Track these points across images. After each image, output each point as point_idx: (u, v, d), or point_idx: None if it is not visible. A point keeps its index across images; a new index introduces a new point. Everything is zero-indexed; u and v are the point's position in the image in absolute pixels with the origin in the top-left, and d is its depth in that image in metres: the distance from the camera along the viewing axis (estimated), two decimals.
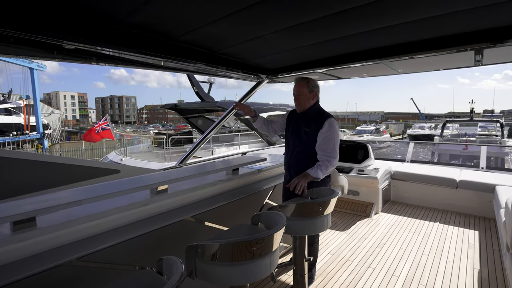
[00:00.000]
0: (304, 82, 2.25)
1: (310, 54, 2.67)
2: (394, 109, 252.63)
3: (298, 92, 2.23)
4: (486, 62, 2.64)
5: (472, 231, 3.56)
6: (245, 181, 2.41)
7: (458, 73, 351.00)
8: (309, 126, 2.18)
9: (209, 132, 3.87)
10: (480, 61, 2.58)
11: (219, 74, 2.99)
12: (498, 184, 3.81)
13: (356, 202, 4.24)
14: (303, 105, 2.23)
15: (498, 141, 15.55)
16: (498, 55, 2.38)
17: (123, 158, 8.77)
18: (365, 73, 3.31)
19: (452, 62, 2.71)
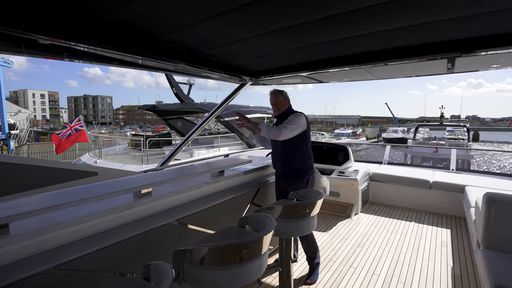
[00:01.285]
0: (279, 93, 2.54)
1: (293, 58, 2.71)
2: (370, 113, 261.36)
3: (275, 100, 2.52)
4: (457, 70, 2.81)
5: (445, 229, 3.73)
6: (230, 183, 2.39)
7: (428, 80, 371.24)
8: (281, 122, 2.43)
9: (191, 134, 3.83)
10: (451, 69, 2.73)
11: (201, 75, 2.97)
12: (467, 185, 4.02)
13: (337, 203, 4.32)
14: (280, 109, 2.52)
15: (465, 145, 16.54)
16: (468, 64, 2.54)
17: (98, 160, 8.41)
18: (345, 77, 3.41)
19: (426, 69, 2.86)
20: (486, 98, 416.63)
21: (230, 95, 3.75)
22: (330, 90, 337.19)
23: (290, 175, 2.48)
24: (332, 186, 4.28)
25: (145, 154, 8.47)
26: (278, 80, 3.55)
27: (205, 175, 2.28)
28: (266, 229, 1.38)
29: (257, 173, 2.77)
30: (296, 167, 2.46)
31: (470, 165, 13.09)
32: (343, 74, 3.17)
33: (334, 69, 2.81)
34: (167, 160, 3.67)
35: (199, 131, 4.00)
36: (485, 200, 2.25)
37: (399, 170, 4.99)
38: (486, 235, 2.20)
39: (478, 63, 2.57)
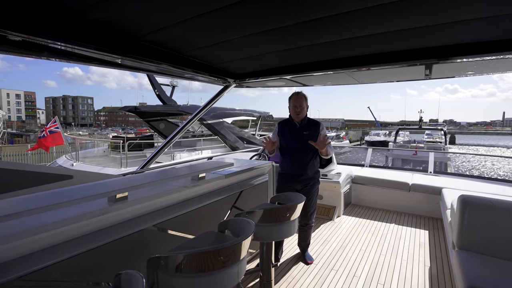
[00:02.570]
0: (304, 97, 2.71)
1: (277, 61, 2.73)
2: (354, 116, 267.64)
3: (300, 103, 2.66)
4: (434, 76, 2.91)
5: (423, 230, 3.83)
6: (211, 186, 2.36)
7: (407, 85, 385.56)
8: (309, 130, 2.64)
9: (173, 136, 3.76)
10: (429, 75, 2.82)
11: (185, 76, 2.94)
12: (444, 187, 4.15)
13: (319, 205, 4.33)
14: (302, 114, 2.67)
15: (442, 148, 17.20)
16: (444, 70, 2.63)
17: (75, 163, 8.09)
18: (329, 81, 3.44)
19: (405, 74, 2.93)
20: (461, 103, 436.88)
21: (214, 97, 3.71)
22: (315, 93, 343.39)
23: (309, 177, 2.67)
24: None
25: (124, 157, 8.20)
26: (262, 82, 3.55)
27: (186, 179, 2.23)
28: (244, 234, 1.36)
29: (239, 176, 2.75)
30: (316, 170, 2.72)
31: (447, 167, 13.61)
32: (326, 78, 3.20)
33: (317, 72, 2.85)
34: (147, 163, 3.58)
35: (181, 133, 3.93)
36: (459, 202, 2.31)
37: (380, 172, 5.08)
38: (460, 237, 2.27)
39: (454, 70, 2.67)
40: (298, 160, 2.66)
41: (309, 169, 2.68)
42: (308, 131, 2.66)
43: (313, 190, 2.74)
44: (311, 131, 2.67)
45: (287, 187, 2.71)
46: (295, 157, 2.67)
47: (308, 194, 2.72)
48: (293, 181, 2.70)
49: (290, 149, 2.69)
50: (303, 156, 2.65)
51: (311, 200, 2.77)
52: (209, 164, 2.64)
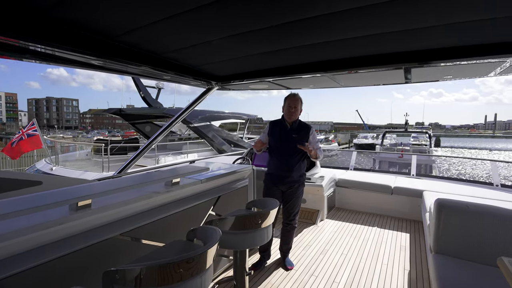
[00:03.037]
0: (300, 99, 2.73)
1: (259, 63, 2.73)
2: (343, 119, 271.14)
3: (295, 105, 2.69)
4: (414, 80, 2.97)
5: (404, 234, 3.85)
6: (186, 192, 2.30)
7: (394, 89, 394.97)
8: (299, 133, 2.67)
9: (153, 139, 3.69)
10: (409, 79, 2.88)
11: (165, 78, 2.90)
12: (425, 190, 4.19)
13: (303, 209, 4.32)
14: (295, 116, 2.71)
15: (427, 150, 17.57)
16: (423, 74, 2.68)
17: (54, 167, 7.83)
18: (311, 84, 3.46)
19: (386, 78, 2.98)
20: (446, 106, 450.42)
21: (196, 100, 3.68)
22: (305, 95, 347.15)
23: (295, 180, 2.72)
24: None
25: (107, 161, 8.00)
26: (245, 85, 3.56)
27: (159, 184, 2.17)
28: (209, 243, 1.30)
29: (216, 180, 2.70)
30: (302, 173, 2.76)
31: (432, 169, 13.90)
32: (308, 81, 3.22)
33: (299, 75, 2.86)
34: (125, 167, 3.48)
35: (162, 136, 3.86)
36: (436, 206, 2.32)
37: (364, 175, 5.10)
38: (436, 240, 2.27)
39: (432, 74, 2.72)
40: (285, 161, 2.69)
41: (295, 171, 2.70)
42: (297, 134, 2.70)
43: (298, 192, 2.78)
44: (301, 134, 2.71)
45: (273, 188, 2.75)
46: (283, 158, 2.71)
47: (293, 196, 2.76)
48: (279, 182, 2.73)
49: (279, 150, 2.73)
50: (290, 158, 2.68)
51: (296, 201, 2.80)
52: (185, 168, 2.59)
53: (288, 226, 2.89)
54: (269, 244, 2.94)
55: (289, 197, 2.77)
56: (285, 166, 2.71)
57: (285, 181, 2.72)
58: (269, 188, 2.77)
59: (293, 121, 2.73)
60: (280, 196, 2.78)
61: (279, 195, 2.77)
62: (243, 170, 3.16)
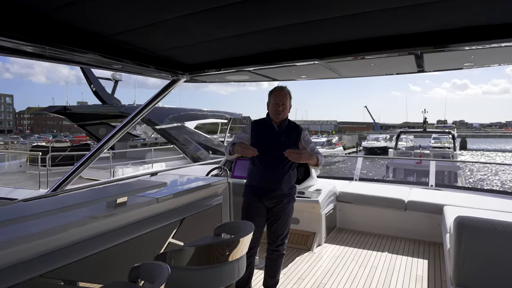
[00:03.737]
0: (288, 94, 2.69)
1: (236, 49, 2.73)
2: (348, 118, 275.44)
3: (283, 100, 2.64)
4: (428, 69, 2.99)
5: (421, 260, 3.84)
6: (135, 215, 2.21)
7: (410, 80, 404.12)
8: (289, 137, 2.67)
9: (102, 145, 3.57)
10: (422, 68, 2.90)
11: (120, 68, 2.91)
12: (447, 204, 4.18)
13: (295, 232, 4.24)
14: (283, 115, 2.67)
15: (451, 155, 17.88)
16: (438, 61, 2.70)
17: None
18: (304, 74, 3.49)
19: (394, 66, 3.01)
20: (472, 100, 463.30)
21: (158, 94, 3.62)
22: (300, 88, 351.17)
23: (284, 193, 2.71)
24: None
25: (44, 174, 7.78)
26: (220, 76, 3.55)
27: (99, 206, 2.08)
28: (155, 284, 1.21)
29: (179, 199, 2.63)
30: (292, 185, 2.76)
31: (457, 178, 14.08)
32: (299, 70, 3.23)
33: (286, 63, 2.86)
34: (63, 182, 3.34)
35: (113, 141, 3.76)
36: (456, 226, 2.27)
37: (371, 187, 5.09)
38: (456, 270, 2.23)
39: (450, 61, 2.75)
40: (272, 171, 2.67)
41: (284, 183, 2.69)
42: (286, 137, 2.68)
43: (287, 209, 2.75)
44: (291, 137, 2.69)
45: (255, 203, 2.71)
46: (269, 167, 2.68)
47: (281, 214, 2.73)
48: (263, 196, 2.70)
49: (264, 157, 2.68)
50: (278, 167, 2.66)
51: (285, 221, 2.76)
52: (138, 183, 2.52)
53: (275, 254, 2.82)
54: (247, 280, 2.85)
55: (277, 216, 2.73)
56: (272, 176, 2.68)
57: (271, 195, 2.69)
58: (250, 203, 2.73)
59: (281, 121, 2.71)
60: (265, 213, 2.74)
61: (263, 212, 2.73)
62: (216, 184, 3.11)
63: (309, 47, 2.64)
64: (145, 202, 2.26)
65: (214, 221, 2.99)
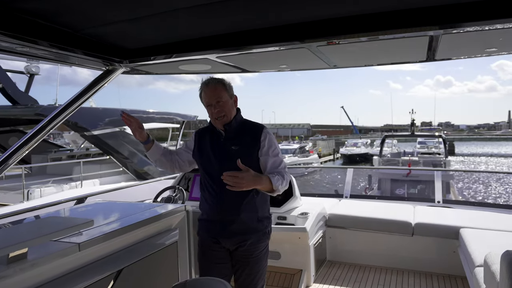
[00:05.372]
0: (221, 84, 2.48)
1: (196, 27, 2.59)
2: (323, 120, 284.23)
3: (218, 97, 2.43)
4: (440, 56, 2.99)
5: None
6: (43, 274, 1.93)
7: (389, 76, 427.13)
8: (239, 143, 2.45)
9: (4, 159, 3.20)
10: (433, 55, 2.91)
11: (22, 51, 2.67)
12: (463, 226, 4.12)
13: (275, 270, 4.08)
14: (228, 115, 2.46)
15: (442, 162, 18.65)
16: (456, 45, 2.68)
17: None
18: (283, 63, 3.34)
19: (400, 53, 2.96)
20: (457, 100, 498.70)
21: (86, 90, 3.35)
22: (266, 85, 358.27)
23: (248, 228, 2.48)
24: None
25: None
26: (170, 65, 3.38)
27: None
28: None
29: (114, 241, 2.38)
30: (261, 215, 2.53)
31: (450, 188, 14.66)
32: (278, 58, 3.12)
33: (261, 48, 2.71)
34: None
35: (20, 155, 3.31)
36: (507, 264, 2.14)
37: (367, 207, 5.03)
38: None
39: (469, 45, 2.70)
40: (225, 196, 2.45)
41: (246, 212, 2.46)
42: (237, 144, 2.46)
43: (256, 251, 2.49)
44: (244, 143, 2.47)
45: (211, 246, 2.53)
46: (221, 191, 2.44)
47: (248, 260, 2.49)
48: (219, 234, 2.50)
49: (212, 177, 2.50)
50: (233, 193, 2.37)
51: (255, 269, 2.52)
52: (48, 222, 2.33)
53: None
54: None
55: (242, 262, 2.50)
56: (226, 204, 2.46)
57: (229, 231, 2.47)
58: (204, 245, 2.56)
59: (225, 124, 2.49)
60: (227, 259, 2.54)
61: (224, 257, 2.53)
62: (169, 213, 2.91)
63: (292, 25, 2.50)
64: (58, 251, 2.00)
65: (167, 270, 2.83)
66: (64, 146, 14.41)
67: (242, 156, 2.35)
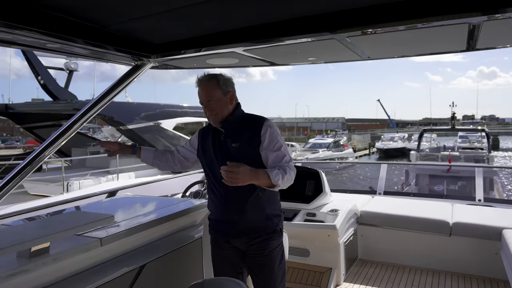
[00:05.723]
0: (213, 81, 2.43)
1: (221, 20, 2.59)
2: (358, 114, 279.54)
3: (208, 96, 2.40)
4: (481, 45, 2.83)
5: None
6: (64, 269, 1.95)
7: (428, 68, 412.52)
8: (239, 139, 2.39)
9: (38, 153, 3.25)
10: (473, 43, 2.77)
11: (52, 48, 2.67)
12: (507, 227, 3.93)
13: (304, 268, 4.05)
14: (219, 114, 2.41)
15: (486, 157, 17.84)
16: (500, 31, 2.48)
17: None
18: (313, 56, 3.30)
19: (440, 42, 2.81)
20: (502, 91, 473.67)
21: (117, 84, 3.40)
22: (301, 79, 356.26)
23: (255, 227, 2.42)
24: (296, 239, 3.93)
25: None
26: (198, 59, 3.36)
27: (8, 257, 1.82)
28: None
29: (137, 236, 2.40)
30: (268, 212, 2.45)
31: (494, 185, 13.96)
32: (306, 50, 3.06)
33: (290, 40, 2.65)
34: None
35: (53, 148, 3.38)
36: None
37: (402, 204, 4.92)
38: None
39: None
40: (228, 195, 2.43)
41: (251, 211, 2.40)
42: (237, 140, 2.41)
43: (267, 251, 2.42)
44: (243, 140, 2.41)
45: (221, 246, 2.53)
46: (223, 190, 2.43)
47: (261, 260, 2.43)
48: (228, 234, 2.48)
49: (215, 175, 2.47)
50: (236, 187, 2.33)
51: (269, 271, 2.45)
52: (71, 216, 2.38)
53: None
54: None
55: (255, 263, 2.46)
56: (230, 203, 2.43)
57: (235, 231, 2.44)
58: (216, 245, 2.56)
59: (222, 121, 2.45)
60: (239, 259, 2.50)
61: (235, 257, 2.49)
62: (193, 209, 2.92)
63: (321, 15, 2.43)
64: (81, 246, 2.00)
65: (191, 266, 2.86)
66: (103, 140, 14.94)
67: (243, 153, 2.34)
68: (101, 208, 3.08)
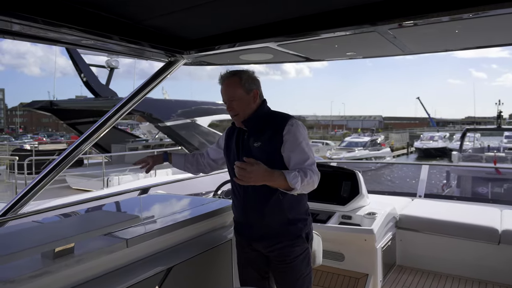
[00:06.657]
0: (235, 79, 2.35)
1: (253, 14, 2.57)
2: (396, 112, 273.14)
3: (230, 96, 2.34)
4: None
5: None
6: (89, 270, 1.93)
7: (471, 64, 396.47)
8: (261, 138, 2.32)
9: (73, 149, 3.39)
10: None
11: (86, 44, 2.74)
12: None
13: (339, 272, 3.96)
14: (241, 113, 2.36)
15: None
16: None
17: None
18: (351, 51, 3.24)
19: (490, 34, 2.67)
20: None
21: (150, 81, 3.48)
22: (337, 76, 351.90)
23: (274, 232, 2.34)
24: (331, 243, 3.84)
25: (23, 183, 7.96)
26: (231, 55, 3.38)
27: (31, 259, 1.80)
28: None
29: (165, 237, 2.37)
30: (292, 216, 2.34)
31: None
32: (345, 44, 2.96)
33: (327, 33, 2.58)
34: (17, 203, 3.13)
35: (88, 144, 3.54)
36: None
37: (444, 208, 4.74)
38: None
39: None
40: (248, 197, 2.38)
41: (270, 215, 2.32)
42: (259, 140, 2.33)
43: (290, 257, 2.32)
44: (265, 139, 2.32)
45: (245, 249, 2.49)
46: (244, 191, 2.38)
47: (284, 267, 2.34)
48: (249, 237, 2.44)
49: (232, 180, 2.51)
50: (255, 188, 2.28)
51: (294, 279, 2.35)
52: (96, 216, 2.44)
53: None
54: None
55: (278, 269, 2.38)
56: (250, 205, 2.36)
57: (257, 235, 2.39)
58: (239, 248, 2.53)
59: (244, 120, 2.38)
60: (262, 263, 2.44)
61: (257, 261, 2.43)
62: (225, 209, 2.87)
63: (359, 7, 2.33)
64: (106, 247, 1.97)
65: (222, 268, 2.79)
66: (141, 136, 15.25)
67: (264, 153, 2.26)
68: (130, 207, 3.12)
